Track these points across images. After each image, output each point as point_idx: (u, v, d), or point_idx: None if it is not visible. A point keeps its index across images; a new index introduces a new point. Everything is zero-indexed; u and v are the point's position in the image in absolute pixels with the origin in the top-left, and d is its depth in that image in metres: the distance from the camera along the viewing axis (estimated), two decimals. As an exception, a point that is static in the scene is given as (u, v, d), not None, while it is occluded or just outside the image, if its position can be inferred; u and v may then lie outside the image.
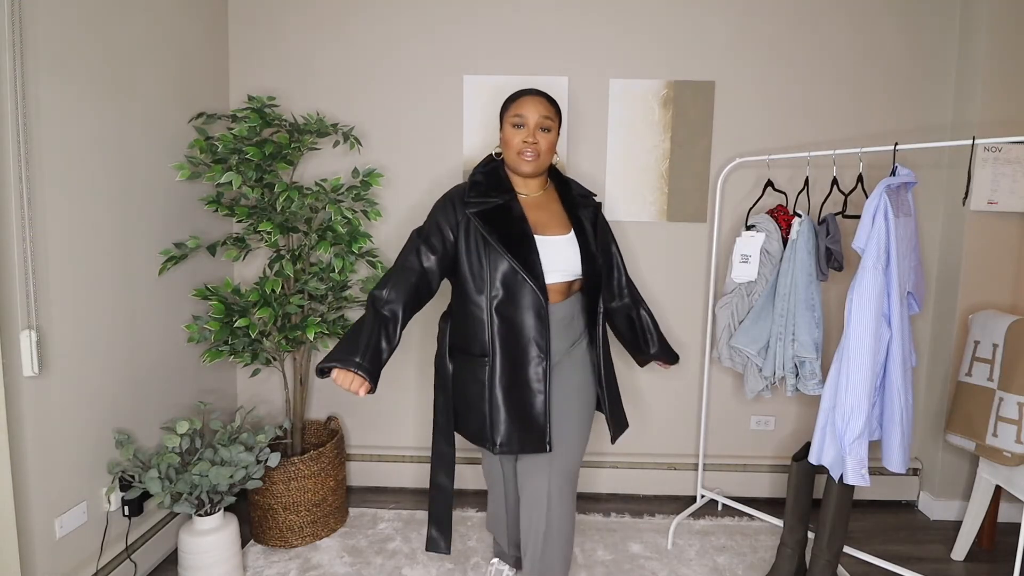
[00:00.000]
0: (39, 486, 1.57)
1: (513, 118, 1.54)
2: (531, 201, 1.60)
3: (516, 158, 1.55)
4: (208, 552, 1.82)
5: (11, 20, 1.43)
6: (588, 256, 1.58)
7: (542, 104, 1.54)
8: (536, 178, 1.61)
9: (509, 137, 1.55)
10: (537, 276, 1.49)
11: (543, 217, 1.58)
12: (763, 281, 2.05)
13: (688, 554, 2.15)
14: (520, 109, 1.53)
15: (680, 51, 2.37)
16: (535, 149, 1.53)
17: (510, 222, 1.51)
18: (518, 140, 1.53)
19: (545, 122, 1.53)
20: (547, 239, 1.54)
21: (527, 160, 1.53)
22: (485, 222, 1.50)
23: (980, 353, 2.01)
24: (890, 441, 1.71)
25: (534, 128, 1.53)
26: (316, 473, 2.12)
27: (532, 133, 1.53)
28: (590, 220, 1.64)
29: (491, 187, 1.56)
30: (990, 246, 2.25)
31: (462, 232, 1.54)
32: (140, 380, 1.94)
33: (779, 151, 2.29)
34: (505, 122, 1.57)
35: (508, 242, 1.48)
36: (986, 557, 2.15)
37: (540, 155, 1.54)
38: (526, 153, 1.53)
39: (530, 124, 1.53)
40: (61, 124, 1.60)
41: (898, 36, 2.34)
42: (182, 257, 2.01)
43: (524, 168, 1.55)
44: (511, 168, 1.59)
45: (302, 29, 2.38)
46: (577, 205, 1.64)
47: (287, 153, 2.02)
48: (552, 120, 1.55)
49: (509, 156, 1.56)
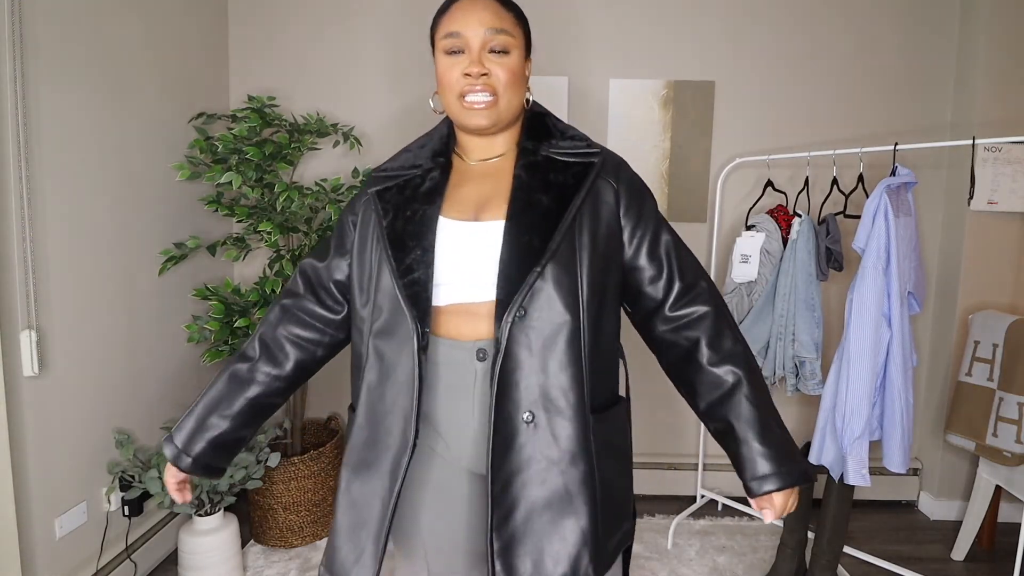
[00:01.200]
0: (39, 486, 1.57)
1: (445, 40, 0.91)
2: (478, 169, 0.98)
3: (458, 105, 0.92)
4: (208, 552, 1.82)
5: (11, 20, 1.43)
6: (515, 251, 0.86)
7: (489, 9, 0.91)
8: (499, 134, 0.97)
9: (444, 72, 0.92)
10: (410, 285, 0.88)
11: (486, 192, 0.94)
12: (763, 281, 2.05)
13: (688, 554, 2.15)
14: (453, 23, 0.91)
15: (680, 51, 2.37)
16: (486, 85, 0.90)
17: (412, 200, 0.94)
18: (456, 74, 0.91)
19: (497, 39, 0.90)
20: (474, 226, 0.90)
21: (477, 106, 0.91)
22: (382, 201, 0.96)
23: (980, 353, 2.01)
24: (890, 441, 1.71)
25: (480, 51, 0.90)
26: (316, 473, 2.12)
27: (477, 59, 0.90)
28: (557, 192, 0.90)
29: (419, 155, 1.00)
30: (990, 246, 2.25)
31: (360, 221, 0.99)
32: (140, 380, 1.94)
33: (779, 151, 2.29)
34: (436, 50, 0.94)
35: (393, 230, 0.92)
36: (986, 557, 2.14)
37: (497, 94, 0.91)
38: (472, 95, 0.90)
39: (472, 45, 0.90)
40: (61, 124, 1.60)
41: (898, 36, 2.34)
42: (182, 257, 2.01)
43: (473, 119, 0.92)
44: (458, 124, 0.97)
45: (302, 29, 2.38)
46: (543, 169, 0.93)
47: (287, 153, 2.02)
48: (510, 34, 0.91)
49: (450, 103, 0.93)
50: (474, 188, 0.94)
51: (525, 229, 0.87)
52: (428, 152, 0.99)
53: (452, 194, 0.94)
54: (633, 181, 0.97)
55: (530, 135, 0.97)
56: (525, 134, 0.98)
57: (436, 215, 0.91)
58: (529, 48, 0.97)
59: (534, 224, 0.87)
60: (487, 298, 0.87)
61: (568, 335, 0.86)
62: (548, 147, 0.95)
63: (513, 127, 0.98)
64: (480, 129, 0.93)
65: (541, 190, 0.90)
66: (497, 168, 0.96)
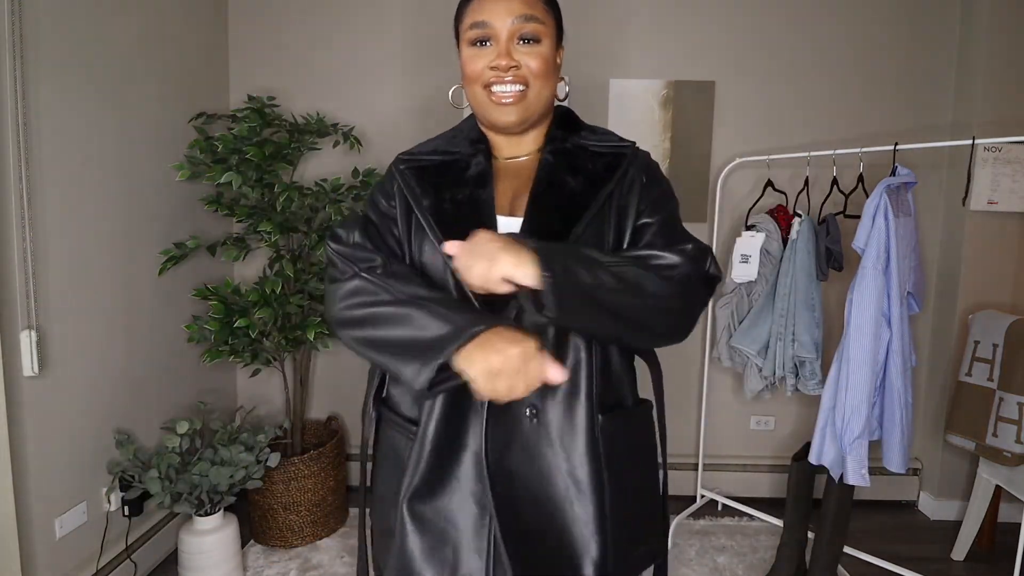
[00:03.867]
0: (39, 486, 1.57)
1: (471, 31, 0.86)
2: (512, 166, 0.92)
3: (486, 98, 0.86)
4: (208, 552, 1.82)
5: (11, 20, 1.43)
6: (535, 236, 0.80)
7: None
8: (529, 132, 0.91)
9: (469, 63, 0.87)
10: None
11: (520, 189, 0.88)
12: (763, 281, 2.05)
13: (688, 554, 2.14)
14: (480, 13, 0.84)
15: (680, 51, 2.37)
16: (517, 77, 0.84)
17: (459, 183, 0.87)
18: (482, 66, 0.85)
19: (527, 27, 0.84)
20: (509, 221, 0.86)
21: (506, 101, 0.85)
22: (418, 179, 0.87)
23: (980, 353, 2.01)
24: (890, 441, 1.71)
25: (508, 41, 0.84)
26: (316, 473, 2.12)
27: (505, 50, 0.84)
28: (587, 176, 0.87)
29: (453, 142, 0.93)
30: (990, 246, 2.25)
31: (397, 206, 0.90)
32: (140, 380, 1.94)
33: (779, 151, 2.29)
34: (462, 41, 0.88)
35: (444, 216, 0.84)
36: (986, 557, 2.14)
37: (527, 85, 0.85)
38: (499, 87, 0.85)
39: (500, 35, 0.84)
40: (61, 124, 1.60)
41: (898, 36, 2.33)
42: (182, 257, 2.00)
43: (502, 116, 0.86)
44: (483, 120, 0.91)
45: (302, 29, 2.38)
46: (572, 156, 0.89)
47: (287, 153, 2.02)
48: (542, 22, 0.86)
49: (475, 97, 0.88)
50: (508, 184, 0.89)
51: (545, 212, 0.81)
52: (463, 140, 0.92)
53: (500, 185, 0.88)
54: (663, 181, 0.92)
55: (559, 126, 0.93)
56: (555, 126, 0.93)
57: (492, 201, 0.84)
58: (561, 35, 0.91)
59: (558, 208, 0.82)
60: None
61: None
62: (578, 138, 0.91)
63: (543, 123, 0.91)
64: (508, 127, 0.87)
65: (568, 173, 0.85)
66: (530, 165, 0.90)
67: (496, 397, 0.71)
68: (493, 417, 0.79)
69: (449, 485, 0.82)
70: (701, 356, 2.49)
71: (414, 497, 0.82)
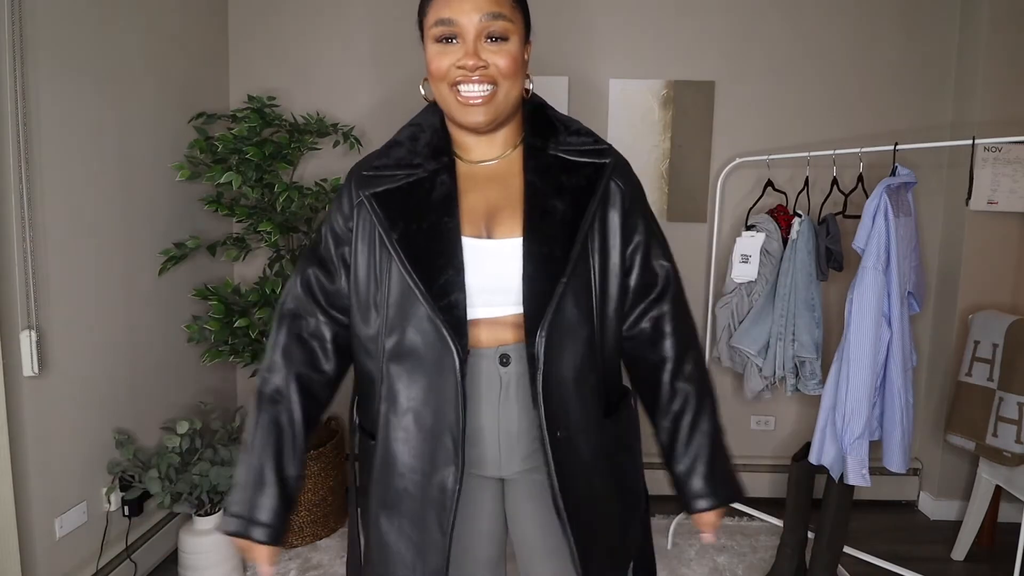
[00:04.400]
0: (39, 486, 1.57)
1: (435, 28, 0.84)
2: (483, 172, 0.91)
3: (452, 98, 0.85)
4: (208, 552, 1.82)
5: (11, 20, 1.43)
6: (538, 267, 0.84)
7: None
8: (498, 131, 0.90)
9: (434, 60, 0.85)
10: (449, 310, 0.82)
11: (495, 202, 0.88)
12: (763, 281, 2.05)
13: (688, 554, 2.15)
14: (444, 8, 0.82)
15: (680, 51, 2.37)
16: (485, 76, 0.82)
17: (425, 209, 0.86)
18: (448, 64, 0.83)
19: (495, 24, 0.82)
20: (489, 245, 0.86)
21: (473, 101, 0.83)
22: (384, 208, 0.86)
23: (980, 353, 2.01)
24: (890, 441, 1.71)
25: (476, 38, 0.82)
26: (316, 473, 2.12)
27: (472, 49, 0.82)
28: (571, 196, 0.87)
29: (417, 150, 0.90)
30: (990, 246, 2.25)
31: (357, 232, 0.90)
32: (140, 380, 1.94)
33: (779, 151, 2.29)
34: (426, 37, 0.87)
35: (411, 245, 0.84)
36: (986, 557, 2.14)
37: (496, 83, 0.83)
38: (468, 87, 0.83)
39: (467, 32, 0.82)
40: (61, 124, 1.60)
41: (898, 36, 2.33)
42: (182, 257, 2.00)
43: (470, 116, 0.85)
44: (450, 117, 0.90)
45: (302, 29, 2.38)
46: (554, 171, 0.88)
47: (287, 153, 2.02)
48: (509, 19, 0.83)
49: (442, 95, 0.86)
50: (481, 195, 0.88)
51: (545, 240, 0.84)
52: (425, 149, 0.90)
53: (463, 204, 0.87)
54: (637, 186, 0.94)
55: (534, 131, 0.91)
56: (529, 129, 0.91)
57: (458, 229, 0.85)
58: (528, 30, 0.89)
59: (554, 235, 0.84)
60: (510, 311, 0.86)
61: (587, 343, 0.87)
62: (556, 145, 0.90)
63: (513, 121, 0.91)
64: (477, 127, 0.86)
65: (555, 195, 0.86)
66: (504, 170, 0.90)
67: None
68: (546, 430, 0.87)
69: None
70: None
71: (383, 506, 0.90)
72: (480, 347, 0.86)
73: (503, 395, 0.87)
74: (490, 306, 0.86)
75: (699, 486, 0.94)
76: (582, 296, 0.86)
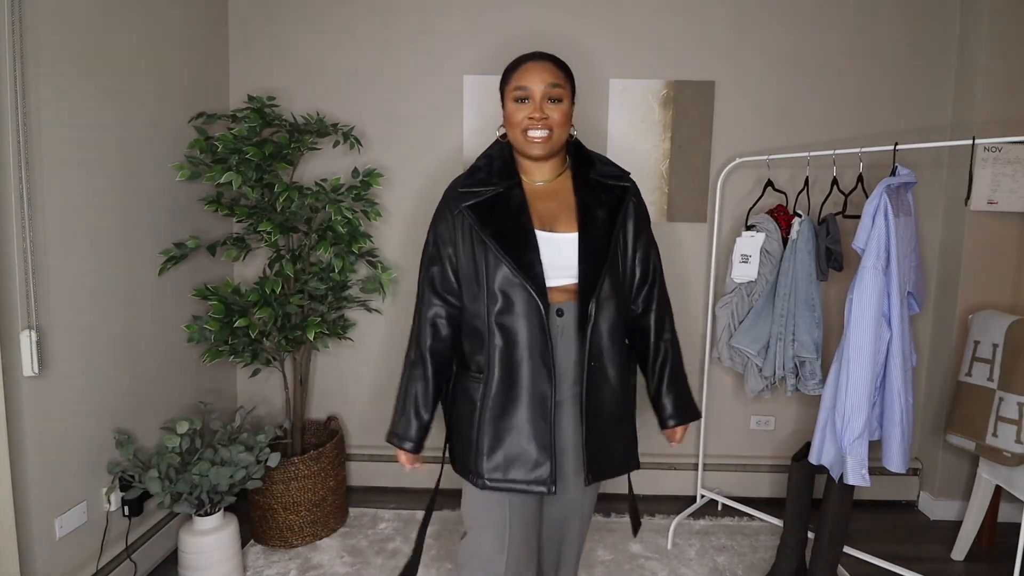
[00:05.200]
0: (39, 486, 1.57)
1: (515, 91, 1.28)
2: (542, 189, 1.34)
3: (522, 139, 1.28)
4: (208, 552, 1.82)
5: (11, 20, 1.43)
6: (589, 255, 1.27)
7: (548, 70, 1.27)
8: (549, 160, 1.33)
9: (512, 114, 1.28)
10: (534, 278, 1.23)
11: (552, 208, 1.31)
12: (763, 281, 2.05)
13: (688, 554, 2.15)
14: (522, 79, 1.27)
15: (680, 51, 2.37)
16: (545, 125, 1.26)
17: (507, 214, 1.27)
18: (522, 116, 1.27)
19: (554, 91, 1.26)
20: (552, 236, 1.28)
21: (536, 141, 1.26)
22: (478, 215, 1.28)
23: (980, 353, 2.01)
24: (890, 441, 1.71)
25: (541, 100, 1.26)
26: (316, 473, 2.12)
27: (539, 107, 1.26)
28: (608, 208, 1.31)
29: (492, 173, 1.32)
30: (990, 246, 2.25)
31: (459, 233, 1.30)
32: (140, 380, 1.94)
33: (779, 151, 2.29)
34: (506, 97, 1.30)
35: (502, 238, 1.25)
36: (986, 557, 2.15)
37: (552, 132, 1.27)
38: (534, 131, 1.26)
39: (535, 96, 1.26)
40: (61, 124, 1.60)
41: (898, 36, 2.34)
42: (182, 257, 2.01)
43: (533, 150, 1.27)
44: (519, 151, 1.32)
45: (302, 29, 2.38)
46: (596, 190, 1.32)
47: (287, 153, 2.02)
48: (563, 88, 1.28)
49: (515, 137, 1.30)
50: (543, 204, 1.31)
51: (593, 238, 1.28)
52: (498, 172, 1.32)
53: (534, 206, 1.30)
54: (644, 203, 1.39)
55: (578, 161, 1.36)
56: (573, 160, 1.36)
57: (532, 226, 1.27)
58: (574, 95, 1.33)
59: (598, 234, 1.28)
60: (566, 282, 1.27)
61: (616, 307, 1.30)
62: (595, 172, 1.34)
63: (560, 154, 1.34)
64: (537, 157, 1.30)
65: (597, 207, 1.30)
66: (556, 188, 1.34)
67: None
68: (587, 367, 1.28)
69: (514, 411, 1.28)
70: (701, 356, 2.50)
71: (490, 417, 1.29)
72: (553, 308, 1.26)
73: (559, 338, 1.26)
74: (553, 278, 1.26)
75: (671, 411, 1.39)
76: (615, 277, 1.30)
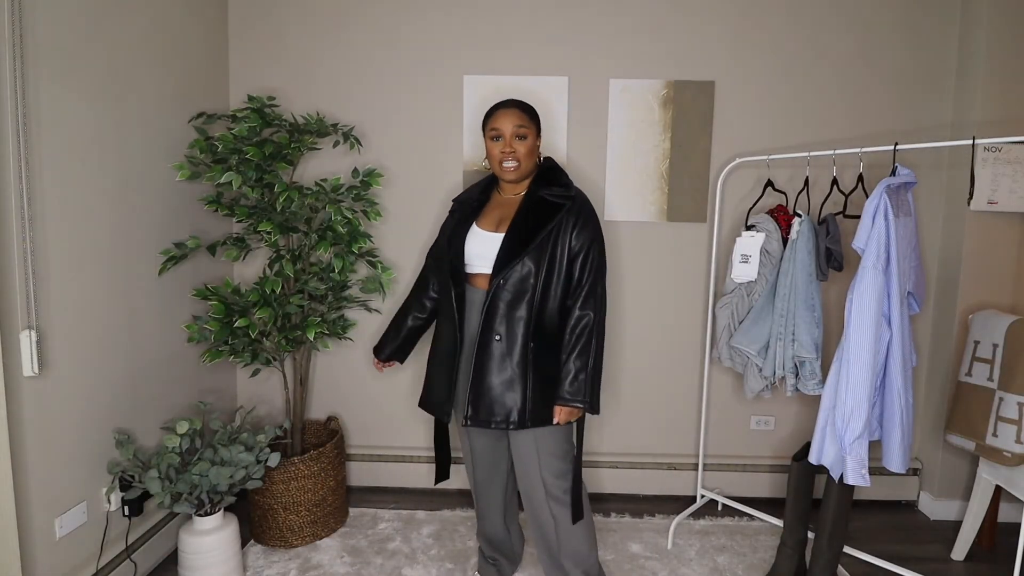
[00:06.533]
0: (39, 486, 1.57)
1: (491, 132, 1.68)
2: (503, 200, 1.75)
3: (499, 167, 1.69)
4: (208, 552, 1.82)
5: (11, 20, 1.43)
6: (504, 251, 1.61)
7: (514, 114, 1.67)
8: (521, 182, 1.73)
9: (490, 149, 1.69)
10: (458, 260, 1.69)
11: (500, 215, 1.72)
12: (763, 281, 2.05)
13: (688, 554, 2.15)
14: (495, 123, 1.67)
15: (680, 51, 2.37)
16: (514, 157, 1.66)
17: (465, 216, 1.75)
18: (497, 151, 1.67)
19: (520, 131, 1.65)
20: (488, 234, 1.68)
21: (508, 169, 1.67)
22: (459, 211, 1.78)
23: (980, 353, 2.01)
24: (890, 441, 1.71)
25: (510, 138, 1.65)
26: (316, 473, 2.12)
27: (509, 143, 1.66)
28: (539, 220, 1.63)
29: (479, 188, 1.81)
30: (990, 246, 2.25)
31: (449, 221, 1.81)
32: (140, 380, 1.94)
33: (779, 151, 2.29)
34: (486, 137, 1.70)
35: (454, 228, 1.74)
36: (986, 557, 2.15)
37: (520, 162, 1.67)
38: (506, 163, 1.67)
39: (506, 135, 1.65)
40: (61, 124, 1.60)
41: (898, 36, 2.34)
42: (182, 257, 2.01)
43: (507, 176, 1.69)
44: (497, 176, 1.74)
45: (302, 29, 2.38)
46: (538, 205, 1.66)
47: (287, 153, 2.02)
48: (527, 127, 1.67)
49: (493, 166, 1.71)
50: (498, 212, 1.73)
51: (516, 237, 1.63)
52: (483, 187, 1.80)
53: (487, 213, 1.75)
54: (589, 217, 1.68)
55: (538, 182, 1.72)
56: (535, 182, 1.72)
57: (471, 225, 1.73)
58: (539, 131, 1.73)
59: (522, 237, 1.63)
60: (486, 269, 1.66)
61: (521, 294, 1.62)
62: (546, 191, 1.68)
63: (530, 176, 1.74)
64: (511, 180, 1.71)
65: (533, 214, 1.65)
66: (513, 201, 1.73)
67: None
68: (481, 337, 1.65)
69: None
70: (701, 356, 2.50)
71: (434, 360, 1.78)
72: (475, 287, 1.69)
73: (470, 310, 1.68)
74: (478, 266, 1.68)
75: (563, 392, 1.62)
76: (530, 272, 1.61)
